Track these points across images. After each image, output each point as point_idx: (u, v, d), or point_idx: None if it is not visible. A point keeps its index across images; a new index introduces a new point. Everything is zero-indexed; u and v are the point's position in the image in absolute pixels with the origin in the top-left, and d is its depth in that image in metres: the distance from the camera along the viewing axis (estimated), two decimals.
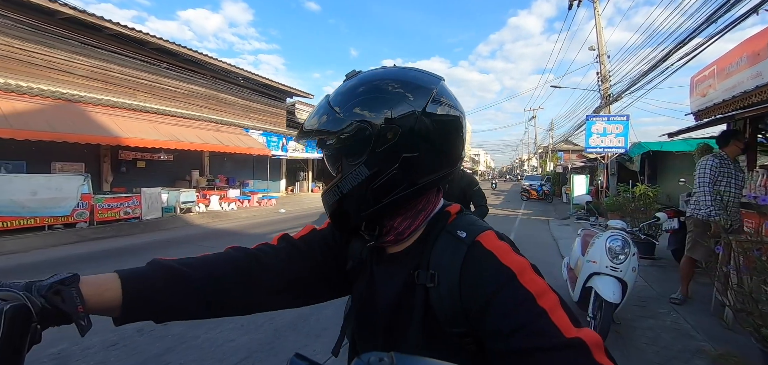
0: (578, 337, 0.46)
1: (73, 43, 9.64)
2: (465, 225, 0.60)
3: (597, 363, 0.44)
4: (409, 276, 0.61)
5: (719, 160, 3.56)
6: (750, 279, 2.44)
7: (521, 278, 0.51)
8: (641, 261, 5.35)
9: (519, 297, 0.50)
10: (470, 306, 0.53)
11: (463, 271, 0.55)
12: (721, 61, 4.08)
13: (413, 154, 0.58)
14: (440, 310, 0.56)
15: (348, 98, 0.59)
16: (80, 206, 8.30)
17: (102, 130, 9.01)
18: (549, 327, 0.47)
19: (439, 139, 0.59)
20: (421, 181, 0.60)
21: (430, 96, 0.58)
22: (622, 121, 9.86)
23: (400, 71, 0.63)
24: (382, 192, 0.59)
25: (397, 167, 0.58)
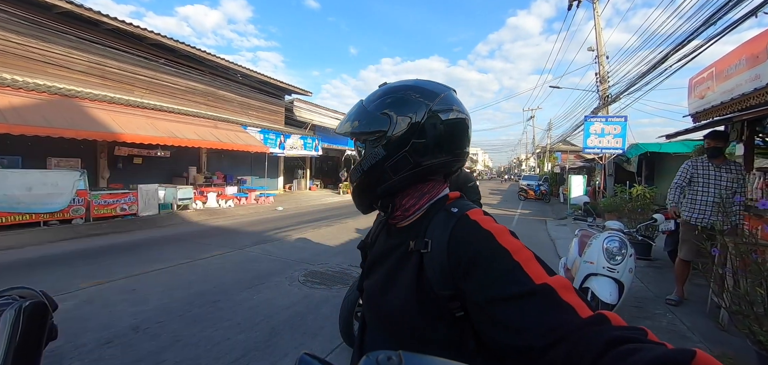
0: (546, 283, 0.52)
1: (70, 38, 9.56)
2: (458, 204, 0.72)
3: (563, 300, 0.50)
4: (407, 246, 0.72)
5: (693, 161, 3.66)
6: (746, 281, 2.45)
7: (499, 238, 0.60)
8: (638, 262, 5.37)
9: (496, 252, 0.58)
10: (455, 264, 0.61)
11: (451, 237, 0.64)
12: (719, 63, 4.09)
13: (420, 141, 0.71)
14: (431, 272, 0.64)
15: (375, 99, 0.76)
16: (76, 202, 8.26)
17: (99, 126, 8.94)
18: (522, 276, 0.54)
19: (442, 133, 0.72)
20: (425, 163, 0.72)
21: (438, 98, 0.72)
22: (620, 121, 9.88)
23: (418, 82, 0.77)
24: (394, 170, 0.72)
25: (406, 150, 0.71)
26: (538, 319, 0.49)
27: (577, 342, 0.45)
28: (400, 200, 0.76)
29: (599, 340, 0.44)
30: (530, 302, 0.51)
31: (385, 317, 0.72)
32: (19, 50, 8.71)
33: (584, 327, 0.47)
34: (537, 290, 0.52)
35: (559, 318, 0.49)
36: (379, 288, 0.75)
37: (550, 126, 33.48)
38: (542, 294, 0.51)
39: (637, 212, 6.75)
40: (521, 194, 20.62)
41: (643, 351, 0.39)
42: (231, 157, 14.44)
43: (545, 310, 0.50)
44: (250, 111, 15.50)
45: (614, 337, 0.43)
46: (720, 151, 3.53)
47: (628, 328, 0.45)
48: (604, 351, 0.42)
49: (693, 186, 3.58)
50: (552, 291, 0.51)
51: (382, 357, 0.33)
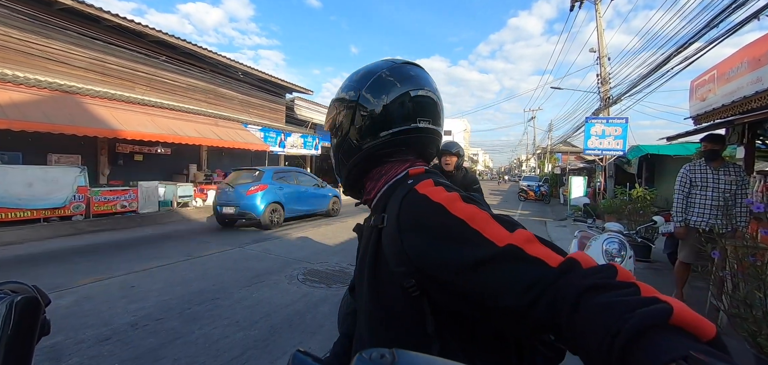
0: (509, 243, 0.50)
1: (71, 34, 9.55)
2: (414, 176, 0.69)
3: (530, 256, 0.48)
4: (373, 226, 0.70)
5: (691, 165, 3.64)
6: (744, 285, 2.45)
7: (451, 208, 0.56)
8: (637, 264, 5.37)
9: (452, 225, 0.55)
10: (409, 241, 0.58)
11: (400, 211, 0.61)
12: (721, 65, 4.08)
13: (356, 124, 0.73)
14: (387, 248, 0.62)
15: (351, 78, 0.79)
16: (76, 198, 8.26)
17: (99, 123, 8.94)
18: (483, 242, 0.51)
19: (378, 109, 0.71)
20: (365, 145, 0.73)
21: (371, 78, 0.74)
22: (621, 123, 9.86)
23: (365, 67, 0.78)
24: (346, 156, 0.77)
25: (348, 133, 0.75)
26: (511, 281, 0.48)
27: (555, 293, 0.45)
28: (365, 184, 0.79)
29: (571, 290, 0.43)
30: (499, 266, 0.49)
31: (361, 301, 0.72)
32: (20, 46, 8.71)
33: (558, 276, 0.46)
34: (503, 252, 0.50)
35: (531, 274, 0.47)
36: (358, 272, 0.75)
37: (550, 127, 33.45)
38: (509, 256, 0.49)
39: (638, 214, 6.75)
40: (521, 195, 20.63)
41: (620, 304, 0.39)
42: (231, 155, 14.43)
43: (515, 270, 0.48)
44: (251, 109, 15.50)
45: (588, 284, 0.43)
46: (717, 153, 3.51)
47: (599, 269, 0.45)
48: (580, 298, 0.42)
49: (692, 189, 3.57)
50: (518, 249, 0.49)
51: (375, 355, 0.32)
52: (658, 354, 0.34)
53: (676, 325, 0.36)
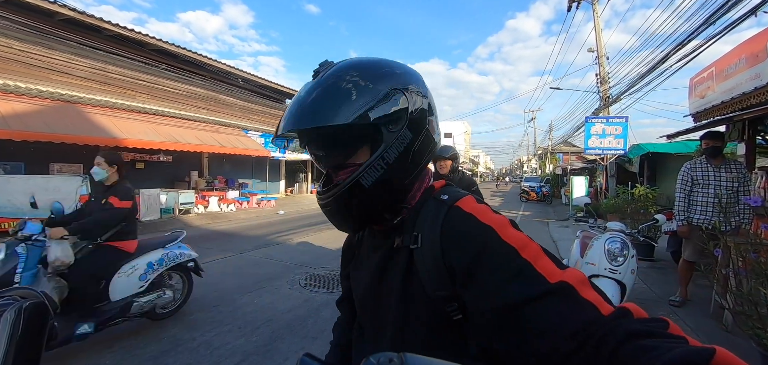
0: (562, 281, 0.47)
1: (72, 44, 9.63)
2: (447, 191, 0.64)
3: (583, 299, 0.46)
4: (391, 242, 0.64)
5: (692, 164, 3.63)
6: (749, 282, 2.43)
7: (502, 234, 0.53)
8: (640, 263, 5.32)
9: (502, 252, 0.51)
10: (454, 265, 0.54)
11: (443, 228, 0.57)
12: (719, 62, 4.07)
13: (430, 118, 0.64)
14: (424, 270, 0.57)
15: (365, 70, 0.61)
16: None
17: (101, 131, 8.99)
18: (534, 276, 0.48)
19: (436, 114, 0.68)
20: (436, 141, 0.66)
21: (409, 70, 0.66)
22: (621, 122, 9.85)
23: (384, 61, 0.67)
24: (420, 155, 0.63)
25: (427, 130, 0.63)
26: (559, 322, 0.45)
27: (600, 340, 0.42)
28: (401, 203, 0.66)
29: (619, 331, 0.41)
30: (547, 304, 0.46)
31: (379, 324, 0.65)
32: (22, 57, 8.78)
33: (611, 323, 0.43)
34: (554, 289, 0.46)
35: (582, 319, 0.44)
36: (371, 293, 0.67)
37: (551, 127, 33.44)
38: (560, 294, 0.46)
39: (640, 213, 6.72)
40: (523, 196, 20.59)
41: (662, 347, 0.37)
42: (232, 161, 14.47)
43: (565, 311, 0.45)
44: (252, 115, 15.56)
45: (635, 330, 0.41)
46: (718, 150, 3.50)
47: (650, 320, 0.43)
48: (624, 342, 0.40)
49: (693, 187, 3.55)
50: (570, 288, 0.46)
51: (383, 360, 0.32)
52: None
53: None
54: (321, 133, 0.64)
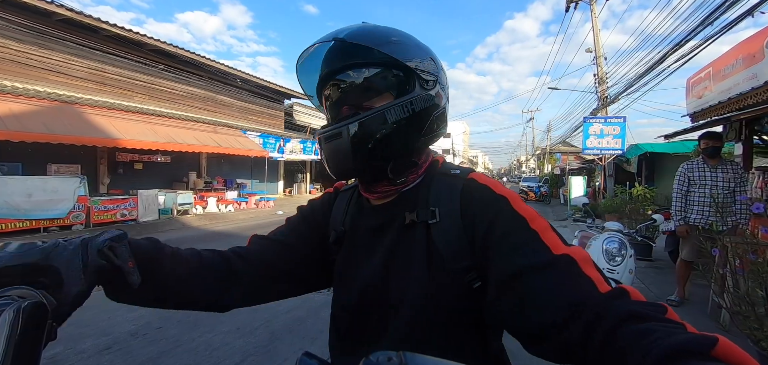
0: (566, 253, 0.49)
1: (70, 45, 9.60)
2: (455, 166, 0.66)
3: (584, 273, 0.47)
4: (401, 220, 0.62)
5: (689, 164, 3.65)
6: (746, 282, 2.44)
7: (515, 205, 0.56)
8: (639, 262, 5.34)
9: (515, 220, 0.54)
10: (474, 234, 0.56)
11: (462, 202, 0.58)
12: (716, 63, 4.10)
13: (446, 102, 0.68)
14: (444, 244, 0.58)
15: (401, 34, 0.64)
16: (76, 208, 8.26)
17: (99, 132, 8.97)
18: (541, 246, 0.50)
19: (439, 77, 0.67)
20: (444, 129, 0.68)
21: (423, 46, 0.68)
22: (619, 122, 9.89)
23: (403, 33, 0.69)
24: (438, 124, 0.65)
25: (443, 107, 0.66)
26: (558, 292, 0.46)
27: (595, 315, 0.43)
28: (409, 166, 0.66)
29: (617, 312, 0.42)
30: (550, 274, 0.48)
31: (389, 306, 0.62)
32: (19, 57, 8.75)
33: (604, 301, 0.44)
34: (557, 260, 0.49)
35: (580, 291, 0.46)
36: (379, 275, 0.63)
37: (549, 127, 33.53)
38: (563, 265, 0.48)
39: (638, 213, 6.74)
40: (521, 196, 20.60)
41: (661, 331, 0.37)
42: (231, 162, 14.46)
43: (565, 283, 0.47)
44: (250, 115, 15.54)
45: (633, 311, 0.41)
46: (717, 150, 3.51)
47: (648, 304, 0.43)
48: (622, 323, 0.40)
49: (690, 187, 3.57)
50: (573, 261, 0.48)
51: (383, 358, 0.32)
52: None
53: (719, 358, 0.33)
54: (359, 64, 0.62)
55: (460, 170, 0.64)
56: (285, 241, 0.74)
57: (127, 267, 0.51)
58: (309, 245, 0.74)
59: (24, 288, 0.45)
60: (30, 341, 0.41)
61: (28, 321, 0.41)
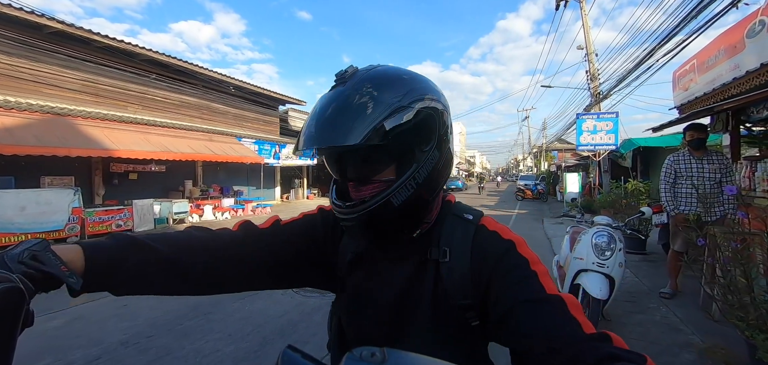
0: (558, 295, 0.55)
1: (62, 57, 9.59)
2: (467, 209, 0.70)
3: (572, 315, 0.52)
4: (420, 257, 0.67)
5: (675, 156, 3.66)
6: (733, 271, 2.45)
7: (519, 249, 0.62)
8: (633, 256, 5.36)
9: (517, 261, 0.60)
10: (479, 275, 0.61)
11: (474, 245, 0.64)
12: (700, 54, 4.13)
13: (451, 135, 0.66)
14: (450, 281, 0.63)
15: (397, 85, 0.58)
16: (71, 220, 8.22)
17: (92, 143, 8.95)
18: (537, 285, 0.56)
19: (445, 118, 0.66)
20: (451, 166, 0.68)
21: (425, 80, 0.66)
22: (612, 118, 9.92)
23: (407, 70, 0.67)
24: (444, 171, 0.65)
25: (449, 148, 0.65)
26: (545, 325, 0.51)
27: (575, 354, 0.46)
28: (425, 213, 0.68)
29: (595, 354, 0.44)
30: (540, 308, 0.53)
31: (398, 330, 0.67)
32: (10, 71, 8.73)
33: (585, 341, 0.48)
34: (549, 299, 0.54)
35: (564, 329, 0.50)
36: (394, 303, 0.68)
37: (544, 125, 33.65)
38: (553, 303, 0.53)
39: (631, 207, 6.76)
40: (519, 194, 20.65)
41: None
42: (227, 169, 14.44)
43: (553, 319, 0.51)
44: (245, 122, 15.54)
45: (613, 354, 0.43)
46: (702, 141, 3.53)
47: (629, 351, 0.44)
48: (601, 363, 0.43)
49: (677, 179, 3.58)
50: (562, 302, 0.53)
51: (366, 353, 0.32)
52: None
53: None
54: (349, 148, 0.60)
55: (473, 214, 0.68)
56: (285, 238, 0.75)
57: (61, 272, 0.49)
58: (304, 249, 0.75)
59: (1, 272, 0.45)
60: (6, 325, 0.41)
61: (4, 305, 0.41)
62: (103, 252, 0.56)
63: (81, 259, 0.53)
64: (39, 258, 0.49)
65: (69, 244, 0.55)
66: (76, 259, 0.53)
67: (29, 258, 0.48)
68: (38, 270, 0.47)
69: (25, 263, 0.47)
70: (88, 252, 0.54)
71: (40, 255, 0.49)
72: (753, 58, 3.07)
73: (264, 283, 0.74)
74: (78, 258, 0.53)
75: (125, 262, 0.57)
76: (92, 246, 0.56)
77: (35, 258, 0.48)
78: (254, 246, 0.70)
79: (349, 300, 0.73)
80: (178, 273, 0.62)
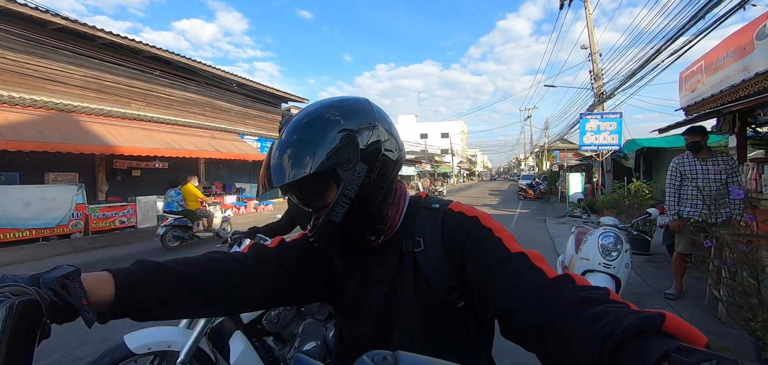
0: (521, 251, 0.60)
1: (67, 53, 9.62)
2: (436, 200, 0.76)
3: (535, 265, 0.57)
4: (399, 252, 0.72)
5: (680, 158, 3.66)
6: (740, 273, 2.45)
7: (483, 222, 0.67)
8: (637, 257, 5.35)
9: (483, 233, 0.65)
10: (453, 256, 0.66)
11: (443, 231, 0.69)
12: (708, 56, 4.12)
13: (385, 140, 0.70)
14: (428, 268, 0.68)
15: (314, 125, 0.67)
16: (75, 216, 8.26)
17: (96, 140, 8.98)
18: (502, 247, 0.62)
19: (391, 128, 0.73)
20: (398, 162, 0.73)
21: (358, 104, 0.73)
22: (616, 118, 9.91)
23: (333, 100, 0.74)
24: (381, 180, 0.69)
25: (382, 156, 0.69)
26: (513, 280, 0.57)
27: (547, 301, 0.51)
28: (387, 214, 0.73)
29: (566, 302, 0.48)
30: (508, 266, 0.59)
31: (392, 327, 0.71)
32: (15, 67, 8.76)
33: (552, 286, 0.52)
34: (514, 256, 0.60)
35: (530, 279, 0.55)
36: (386, 302, 0.72)
37: (546, 125, 33.58)
38: (517, 260, 0.59)
39: (635, 208, 6.76)
40: (520, 194, 20.65)
41: (612, 313, 0.42)
42: (229, 166, 14.47)
43: (520, 273, 0.57)
44: (248, 120, 15.56)
45: (582, 298, 0.47)
46: (699, 144, 3.52)
47: (593, 288, 0.50)
48: (575, 310, 0.46)
49: (683, 181, 3.59)
50: (526, 257, 0.59)
51: (378, 358, 0.33)
52: (649, 351, 0.35)
53: (669, 332, 0.37)
54: (292, 187, 0.70)
55: (440, 203, 0.74)
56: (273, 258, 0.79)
57: (82, 306, 0.51)
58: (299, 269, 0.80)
59: (17, 285, 0.46)
60: (24, 337, 0.42)
61: (21, 317, 0.41)
62: (130, 277, 0.59)
63: (111, 285, 0.56)
64: (68, 288, 0.50)
65: (98, 271, 0.57)
66: (106, 285, 0.56)
67: (60, 286, 0.49)
68: (62, 300, 0.49)
69: (55, 291, 0.49)
70: (117, 277, 0.57)
71: (69, 285, 0.50)
72: (763, 59, 3.06)
73: (279, 299, 0.82)
74: (108, 283, 0.56)
75: (151, 286, 0.60)
76: (120, 271, 0.59)
77: (65, 287, 0.50)
78: (266, 264, 0.76)
79: (346, 308, 0.78)
80: (200, 296, 0.67)
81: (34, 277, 0.49)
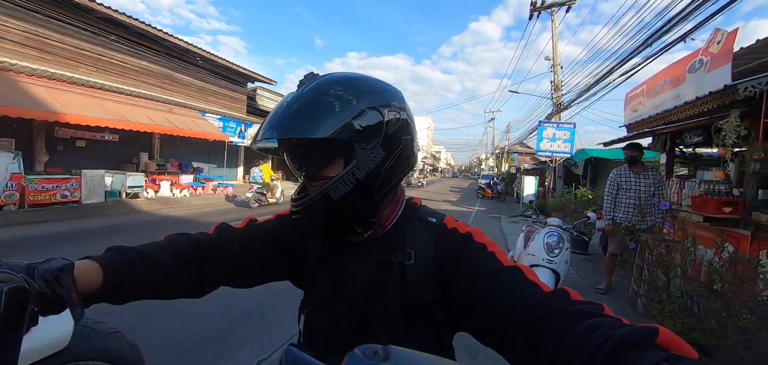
0: (515, 265, 0.61)
1: (5, 4, 8.62)
2: (431, 213, 0.74)
3: (528, 279, 0.58)
4: (385, 258, 0.70)
5: (619, 170, 4.19)
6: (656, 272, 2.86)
7: (476, 238, 0.67)
8: (577, 256, 5.92)
9: (476, 247, 0.65)
10: (442, 269, 0.66)
11: (437, 247, 0.68)
12: (649, 81, 4.63)
13: (407, 137, 0.69)
14: (417, 280, 0.67)
15: (348, 86, 0.64)
16: (9, 187, 7.52)
17: (36, 104, 8.18)
18: (494, 260, 0.62)
19: (415, 136, 0.73)
20: (412, 160, 0.71)
21: (381, 84, 0.71)
22: (570, 128, 10.69)
23: (370, 77, 0.72)
24: (392, 173, 0.67)
25: (401, 149, 0.67)
26: (506, 291, 0.57)
27: (542, 313, 0.51)
28: (383, 210, 0.72)
29: (561, 314, 0.48)
30: (501, 277, 0.58)
31: (366, 327, 0.70)
32: None
33: (547, 298, 0.53)
34: (507, 269, 0.60)
35: (526, 291, 0.56)
36: (360, 301, 0.71)
37: (508, 128, 35.15)
38: (511, 272, 0.59)
39: (579, 211, 7.42)
40: (479, 192, 21.59)
41: (606, 325, 0.43)
42: (187, 144, 13.75)
43: (514, 284, 0.57)
44: (210, 97, 14.84)
45: (578, 310, 0.48)
46: (636, 159, 4.07)
47: (588, 302, 0.50)
48: (570, 321, 0.47)
49: (619, 191, 4.10)
50: (519, 270, 0.59)
51: (368, 351, 0.32)
52: (642, 361, 0.36)
53: (662, 345, 0.37)
54: (299, 144, 0.68)
55: (436, 217, 0.72)
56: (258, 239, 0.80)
57: (71, 300, 0.51)
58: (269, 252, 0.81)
59: (4, 272, 0.46)
60: (12, 323, 0.43)
61: (10, 304, 0.42)
62: (116, 266, 0.61)
63: (99, 275, 0.58)
64: (60, 280, 0.51)
65: (84, 261, 0.59)
66: (94, 276, 0.58)
67: (53, 278, 0.50)
68: (53, 291, 0.50)
69: (49, 283, 0.50)
70: (105, 268, 0.59)
71: (62, 277, 0.51)
72: (691, 90, 3.53)
73: (243, 278, 0.81)
74: (97, 273, 0.58)
75: (134, 274, 0.63)
76: (107, 262, 0.61)
77: (58, 280, 0.51)
78: (230, 243, 0.77)
79: (317, 296, 0.78)
80: (170, 278, 0.68)
81: (30, 267, 0.50)
